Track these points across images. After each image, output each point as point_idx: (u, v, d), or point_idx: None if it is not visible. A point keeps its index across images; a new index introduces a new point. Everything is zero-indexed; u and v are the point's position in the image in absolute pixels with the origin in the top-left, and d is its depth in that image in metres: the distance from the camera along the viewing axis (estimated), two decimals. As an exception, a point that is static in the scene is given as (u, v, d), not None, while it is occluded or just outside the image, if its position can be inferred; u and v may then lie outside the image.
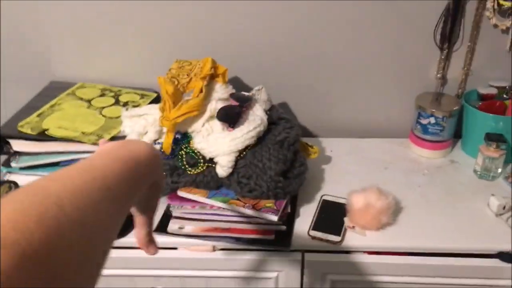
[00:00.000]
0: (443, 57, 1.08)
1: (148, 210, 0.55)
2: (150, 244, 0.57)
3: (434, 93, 1.10)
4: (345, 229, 0.88)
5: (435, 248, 0.87)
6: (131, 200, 0.44)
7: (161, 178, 0.53)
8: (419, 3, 1.03)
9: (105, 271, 0.87)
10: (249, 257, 0.88)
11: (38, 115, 1.01)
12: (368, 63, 1.11)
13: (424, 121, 1.06)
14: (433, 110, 1.04)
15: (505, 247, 0.85)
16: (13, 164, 0.96)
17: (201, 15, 1.07)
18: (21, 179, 0.95)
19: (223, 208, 0.87)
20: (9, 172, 0.97)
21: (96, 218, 0.36)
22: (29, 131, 0.95)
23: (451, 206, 0.95)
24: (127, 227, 0.89)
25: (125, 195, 0.42)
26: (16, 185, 0.89)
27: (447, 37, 1.05)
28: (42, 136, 0.94)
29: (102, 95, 1.11)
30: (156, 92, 1.13)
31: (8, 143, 0.96)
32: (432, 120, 1.05)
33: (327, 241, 0.86)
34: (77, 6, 1.08)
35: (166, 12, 1.08)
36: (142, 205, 0.54)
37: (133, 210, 0.55)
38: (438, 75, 1.10)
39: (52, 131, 0.95)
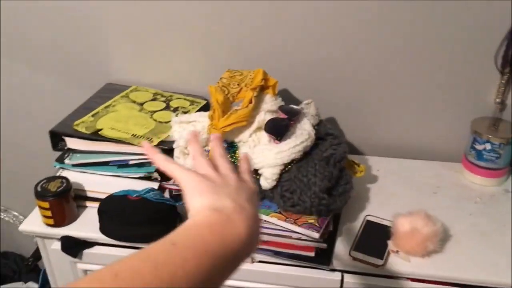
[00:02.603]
0: (503, 81, 1.03)
1: None
2: None
3: (492, 118, 1.05)
4: (388, 253, 0.86)
5: (484, 281, 0.82)
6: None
7: (257, 244, 0.50)
8: (480, 24, 0.99)
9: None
10: (287, 272, 0.87)
11: (93, 115, 1.05)
12: (422, 82, 1.08)
13: (479, 147, 1.02)
14: (490, 136, 1.00)
15: (562, 287, 0.80)
16: (66, 161, 1.00)
17: (255, 27, 1.08)
18: (73, 175, 0.98)
19: (264, 221, 0.86)
20: (62, 168, 1.01)
21: None
22: (83, 130, 0.99)
23: (503, 239, 0.90)
24: (169, 231, 0.90)
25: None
26: (67, 181, 0.92)
27: (510, 61, 1.00)
28: (96, 135, 0.98)
29: (154, 99, 1.14)
30: (205, 99, 1.15)
31: (63, 140, 1.00)
32: (488, 146, 1.00)
33: (369, 263, 0.84)
34: (137, 11, 1.12)
35: (220, 22, 1.09)
36: None
37: None
38: (497, 100, 1.05)
39: (105, 132, 0.98)
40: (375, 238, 0.89)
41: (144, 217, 0.88)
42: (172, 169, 0.53)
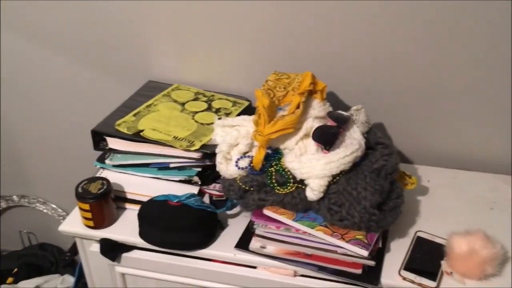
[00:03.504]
0: None
1: None
2: None
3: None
4: (442, 274, 0.80)
5: (547, 311, 0.76)
6: None
7: None
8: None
9: (181, 279, 0.85)
10: (331, 289, 0.83)
11: (135, 115, 1.03)
12: (477, 88, 1.01)
13: (542, 161, 0.94)
14: (556, 150, 0.92)
15: None
16: (107, 161, 0.98)
17: (303, 28, 1.03)
18: (113, 176, 0.97)
19: (309, 234, 0.82)
20: (103, 168, 1.00)
21: None
22: (125, 131, 0.97)
23: None
24: (209, 239, 0.88)
25: None
26: (108, 183, 0.91)
27: None
28: (137, 136, 0.96)
29: (196, 99, 1.11)
30: (248, 100, 1.11)
31: (105, 139, 0.99)
32: (553, 161, 0.93)
33: (420, 284, 0.78)
34: (180, 8, 1.09)
35: (265, 20, 1.05)
36: None
37: None
38: None
39: (147, 133, 0.96)
40: (427, 257, 0.83)
41: (184, 223, 0.86)
42: None
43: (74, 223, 0.93)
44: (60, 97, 1.31)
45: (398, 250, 0.85)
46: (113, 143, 0.98)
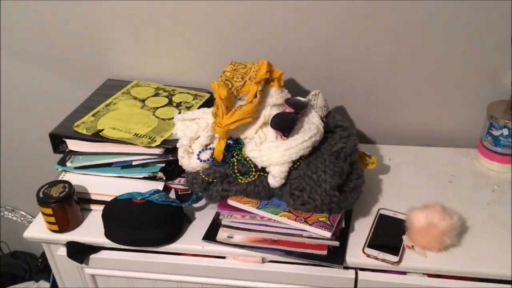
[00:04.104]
0: (520, 62, 0.98)
1: None
2: None
3: (509, 101, 1.01)
4: (404, 248, 0.82)
5: (504, 275, 0.79)
6: None
7: None
8: (496, 5, 0.93)
9: (152, 276, 0.86)
10: (299, 272, 0.84)
11: (93, 115, 1.02)
12: (434, 64, 1.03)
13: (496, 133, 0.97)
14: (507, 121, 0.95)
15: None
16: (68, 164, 0.97)
17: (257, 15, 1.04)
18: (76, 178, 0.96)
19: (274, 220, 0.83)
20: (65, 171, 0.98)
21: None
22: (84, 131, 0.96)
23: (524, 229, 0.86)
24: (176, 233, 0.88)
25: None
26: (70, 185, 0.90)
27: (527, 40, 0.95)
28: (97, 136, 0.95)
29: (156, 94, 1.10)
30: (209, 92, 1.11)
31: (64, 142, 0.97)
32: (505, 131, 0.96)
33: (384, 260, 0.81)
34: (136, 4, 1.07)
35: (221, 11, 1.05)
36: None
37: None
38: (514, 82, 1.00)
39: (106, 132, 0.95)
40: (389, 233, 0.85)
41: (149, 220, 0.86)
42: None
43: (39, 229, 0.92)
44: (17, 100, 1.28)
45: (362, 229, 0.87)
46: (72, 145, 0.97)
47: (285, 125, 0.84)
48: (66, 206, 0.88)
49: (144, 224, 0.86)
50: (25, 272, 1.53)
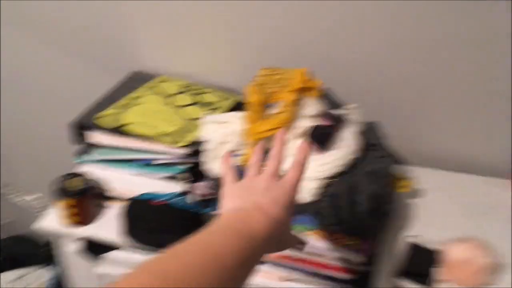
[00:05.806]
0: None
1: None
2: None
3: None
4: (434, 280, 0.77)
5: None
6: (247, 275, 0.47)
7: (285, 246, 0.59)
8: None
9: None
10: (321, 295, 0.80)
11: (118, 108, 0.97)
12: (478, 88, 0.98)
13: (538, 166, 0.92)
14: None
15: None
16: (87, 156, 0.93)
17: (297, 22, 0.99)
18: (94, 171, 0.92)
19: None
20: (83, 163, 0.95)
21: None
22: (107, 124, 0.92)
23: None
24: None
25: (242, 272, 0.46)
26: (89, 179, 0.86)
27: None
28: (120, 131, 0.91)
29: (183, 92, 1.06)
30: (238, 95, 1.07)
31: (84, 133, 0.93)
32: (549, 165, 0.91)
33: (413, 292, 0.76)
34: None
35: (260, 13, 1.00)
36: None
37: None
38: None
39: (130, 127, 0.91)
40: (420, 263, 0.81)
41: (166, 224, 0.82)
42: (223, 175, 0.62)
43: (51, 220, 0.88)
44: (38, 87, 1.24)
45: (391, 256, 0.82)
46: (94, 137, 0.93)
47: (321, 138, 0.79)
48: (84, 200, 0.84)
49: (161, 228, 0.82)
50: (30, 257, 1.50)
